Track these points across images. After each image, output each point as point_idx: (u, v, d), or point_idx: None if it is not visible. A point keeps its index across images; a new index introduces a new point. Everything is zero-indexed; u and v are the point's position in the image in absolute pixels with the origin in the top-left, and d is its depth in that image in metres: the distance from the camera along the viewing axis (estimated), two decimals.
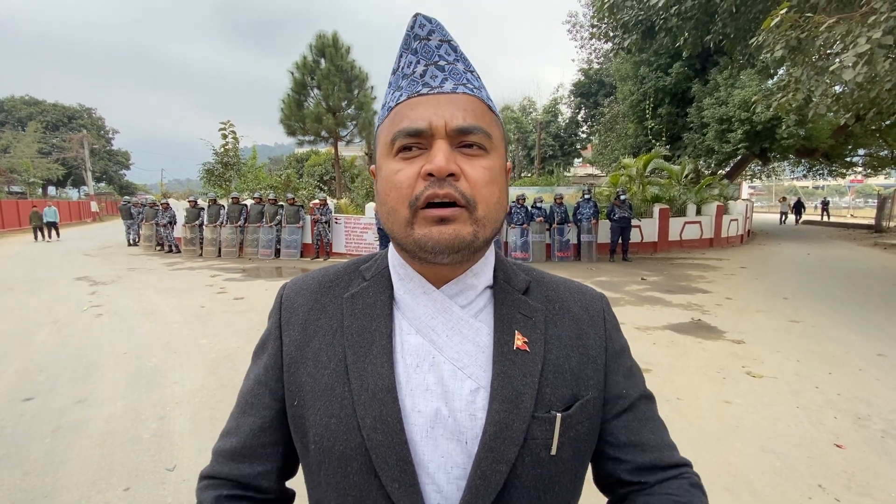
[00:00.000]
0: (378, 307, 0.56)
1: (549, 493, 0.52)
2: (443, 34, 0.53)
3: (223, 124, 15.88)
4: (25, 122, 37.55)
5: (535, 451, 0.50)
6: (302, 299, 0.61)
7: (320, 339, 0.56)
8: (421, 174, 0.49)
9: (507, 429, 0.49)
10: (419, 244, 0.49)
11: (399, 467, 0.49)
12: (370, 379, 0.51)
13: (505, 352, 0.53)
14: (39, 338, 4.97)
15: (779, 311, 6.04)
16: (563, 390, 0.53)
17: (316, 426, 0.52)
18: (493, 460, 0.49)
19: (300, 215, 11.57)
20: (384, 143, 0.53)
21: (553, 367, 0.54)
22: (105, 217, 33.13)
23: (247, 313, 5.99)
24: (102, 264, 10.64)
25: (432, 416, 0.50)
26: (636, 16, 11.55)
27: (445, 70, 0.52)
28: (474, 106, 0.51)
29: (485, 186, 0.50)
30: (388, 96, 0.55)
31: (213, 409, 3.28)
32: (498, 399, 0.50)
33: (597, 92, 25.38)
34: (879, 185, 43.50)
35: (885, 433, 2.93)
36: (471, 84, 0.53)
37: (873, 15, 4.93)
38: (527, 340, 0.54)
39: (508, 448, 0.49)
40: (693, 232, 12.91)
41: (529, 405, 0.51)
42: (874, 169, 20.72)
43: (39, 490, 2.38)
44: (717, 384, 3.72)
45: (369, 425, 0.50)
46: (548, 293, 0.60)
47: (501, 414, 0.50)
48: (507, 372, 0.51)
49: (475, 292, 0.56)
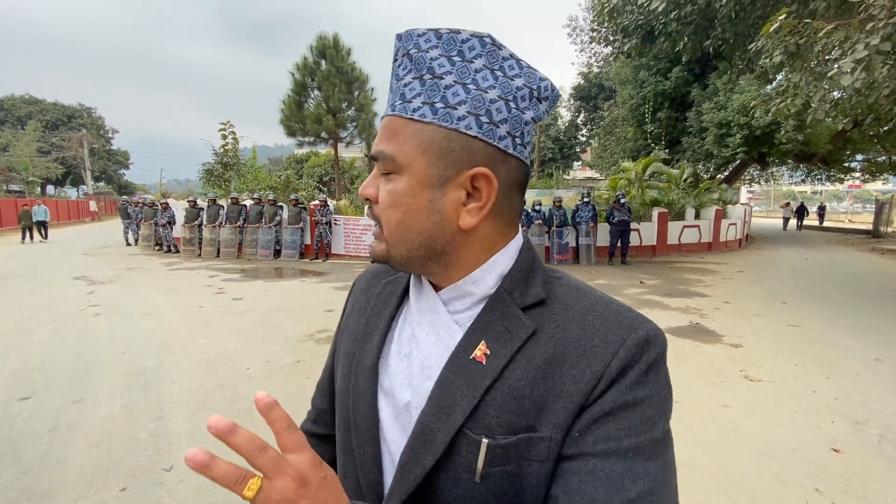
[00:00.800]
0: (395, 295, 0.62)
1: None
2: (406, 46, 0.52)
3: (223, 125, 15.90)
4: (25, 120, 37.53)
5: (457, 469, 0.48)
6: (362, 281, 0.70)
7: (355, 314, 0.65)
8: None
9: (429, 434, 0.49)
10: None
11: (367, 436, 0.54)
12: (366, 355, 0.58)
13: (459, 358, 0.51)
14: (37, 337, 4.96)
15: (777, 316, 6.05)
16: (511, 416, 0.47)
17: (336, 384, 0.64)
18: (410, 461, 0.49)
19: (302, 216, 11.57)
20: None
21: (507, 387, 0.48)
22: (104, 216, 33.08)
23: (245, 314, 5.99)
24: (101, 264, 10.62)
25: (401, 404, 0.54)
26: (636, 20, 11.60)
27: (395, 90, 0.53)
28: (391, 127, 0.52)
29: (384, 210, 0.52)
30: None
31: (211, 410, 3.28)
32: (431, 403, 0.50)
33: (596, 95, 25.47)
34: (877, 190, 43.65)
35: (882, 437, 2.94)
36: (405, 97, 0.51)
37: (871, 21, 4.96)
38: (488, 353, 0.50)
39: (425, 455, 0.48)
40: (692, 236, 12.94)
41: (460, 418, 0.48)
42: (872, 174, 20.79)
43: (36, 490, 2.37)
44: (715, 388, 3.73)
45: (354, 395, 0.57)
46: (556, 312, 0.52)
47: (429, 418, 0.49)
48: (450, 378, 0.50)
49: (472, 300, 0.54)
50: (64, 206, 28.23)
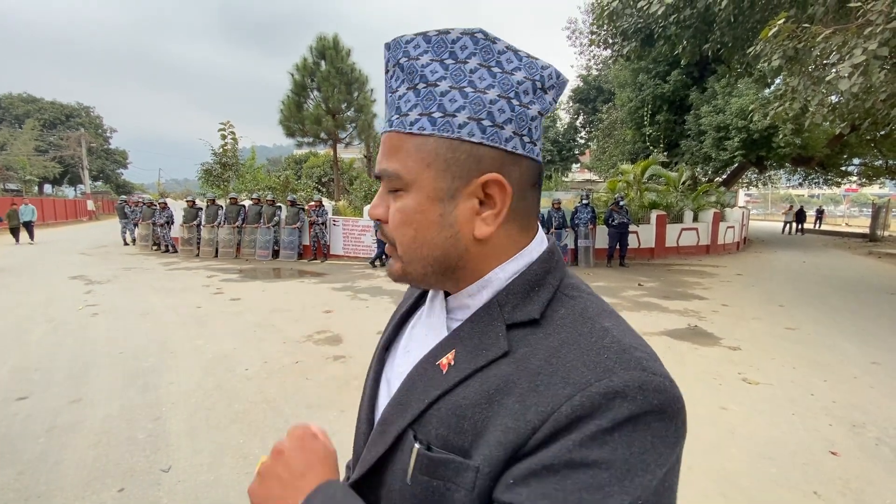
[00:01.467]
0: (415, 295, 0.66)
1: None
2: (396, 56, 0.50)
3: (222, 125, 15.88)
4: (23, 119, 37.43)
5: (396, 466, 0.49)
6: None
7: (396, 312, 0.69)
8: None
9: (387, 425, 0.51)
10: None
11: (364, 414, 0.59)
12: (381, 342, 0.65)
13: (427, 362, 0.51)
14: (34, 337, 4.94)
15: (774, 319, 6.07)
16: (449, 433, 0.46)
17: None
18: (369, 443, 0.54)
19: (300, 216, 11.55)
20: None
21: (454, 403, 0.46)
22: (101, 216, 33.00)
23: (243, 314, 5.98)
24: (98, 263, 10.59)
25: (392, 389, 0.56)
26: (635, 23, 11.65)
27: (390, 105, 0.52)
28: (390, 144, 0.51)
29: (397, 228, 0.51)
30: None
31: (209, 410, 3.27)
32: (395, 397, 0.53)
33: (595, 98, 25.53)
34: (874, 194, 43.86)
35: (879, 441, 2.95)
36: (401, 111, 0.50)
37: (869, 27, 4.99)
38: (451, 364, 0.49)
39: (377, 445, 0.52)
40: (690, 238, 12.97)
41: (408, 419, 0.49)
42: (869, 178, 20.86)
43: (33, 490, 2.36)
44: (713, 390, 3.73)
45: (368, 377, 0.63)
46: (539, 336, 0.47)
47: (388, 412, 0.52)
48: (414, 379, 0.51)
49: (469, 311, 0.53)
50: (61, 206, 28.14)
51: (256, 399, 3.45)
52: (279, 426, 3.05)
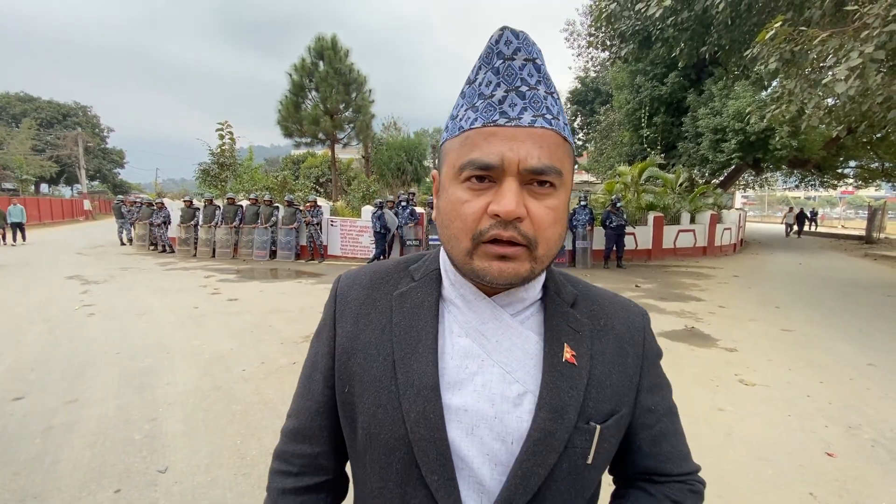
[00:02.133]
0: (425, 308, 0.58)
1: (579, 496, 0.55)
2: (528, 52, 0.50)
3: (220, 125, 15.85)
4: (19, 118, 37.26)
5: (573, 459, 0.53)
6: (355, 293, 0.63)
7: (370, 332, 0.59)
8: (488, 211, 0.49)
9: (550, 436, 0.52)
10: (477, 274, 0.51)
11: (439, 461, 0.52)
12: (415, 375, 0.54)
13: (555, 363, 0.54)
14: (30, 337, 4.92)
15: (771, 320, 6.09)
16: (603, 405, 0.56)
17: (364, 413, 0.56)
18: (533, 463, 0.51)
19: (296, 217, 11.53)
20: (452, 165, 0.52)
21: (596, 381, 0.56)
22: (98, 216, 32.87)
23: (241, 315, 5.96)
24: (95, 263, 10.55)
25: (478, 415, 0.53)
26: (633, 26, 11.68)
27: (526, 97, 0.50)
28: (550, 141, 0.50)
29: (549, 227, 0.50)
30: (461, 111, 0.53)
31: (207, 411, 3.26)
32: (545, 408, 0.52)
33: (593, 100, 25.58)
34: (870, 196, 44.03)
35: (875, 442, 2.96)
36: (550, 113, 0.51)
37: (866, 30, 5.03)
38: (575, 354, 0.56)
39: (549, 454, 0.52)
40: (687, 240, 13.01)
41: (573, 416, 0.53)
42: (865, 180, 20.96)
43: (29, 491, 2.35)
44: (710, 392, 3.74)
45: (413, 419, 0.52)
46: (593, 308, 0.62)
47: (547, 422, 0.52)
48: (555, 383, 0.54)
49: (524, 304, 0.58)
50: (58, 205, 28.02)
51: (254, 400, 3.44)
52: (276, 427, 3.03)
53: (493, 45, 0.51)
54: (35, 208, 24.17)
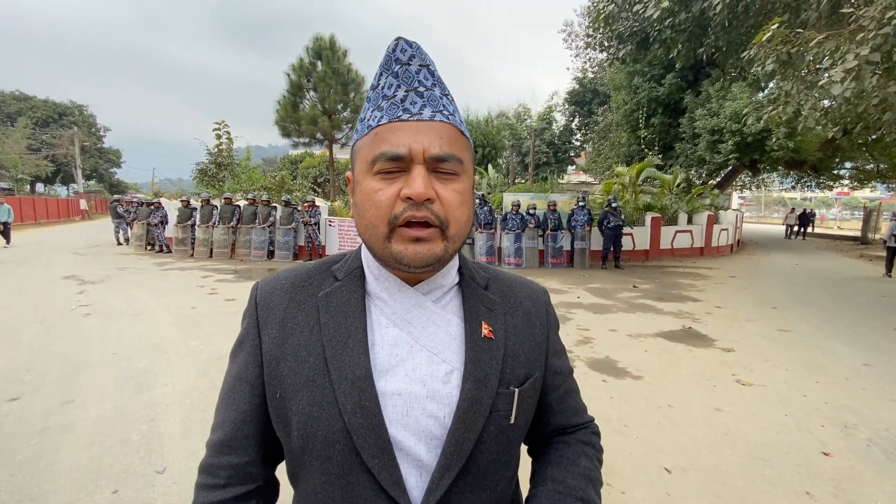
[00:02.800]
0: (352, 304, 0.61)
1: (506, 455, 0.62)
2: (422, 59, 0.57)
3: (218, 124, 15.83)
4: (15, 117, 37.02)
5: (498, 421, 0.60)
6: (277, 298, 0.64)
7: (298, 335, 0.61)
8: (400, 196, 0.54)
9: (477, 403, 0.58)
10: (396, 258, 0.55)
11: (378, 445, 0.55)
12: (348, 368, 0.57)
13: (475, 339, 0.61)
14: (26, 337, 4.89)
15: (768, 321, 6.12)
16: (518, 371, 0.63)
17: (299, 415, 0.57)
18: (465, 429, 0.57)
19: (294, 217, 11.51)
20: (364, 161, 0.57)
21: (511, 352, 0.64)
22: (94, 215, 32.72)
23: (238, 315, 5.91)
24: (91, 263, 10.50)
25: (412, 397, 0.57)
26: (631, 27, 11.72)
27: (424, 96, 0.55)
28: (449, 133, 0.56)
29: (457, 208, 0.56)
30: (368, 113, 0.58)
31: (204, 412, 3.25)
32: (470, 379, 0.58)
33: (591, 100, 25.63)
34: (865, 197, 44.24)
35: (870, 442, 2.98)
36: (446, 110, 0.57)
37: (862, 32, 5.06)
38: (491, 329, 0.63)
39: (477, 419, 0.58)
40: (684, 241, 13.05)
41: (495, 384, 0.60)
42: (860, 182, 21.08)
43: (26, 492, 2.34)
44: (707, 392, 3.76)
45: (350, 410, 0.56)
46: (503, 289, 0.69)
47: (473, 391, 0.58)
48: (477, 356, 0.60)
49: (443, 290, 0.64)
50: (54, 205, 27.87)
51: None
52: None
53: (390, 53, 0.57)
54: (31, 208, 24.04)
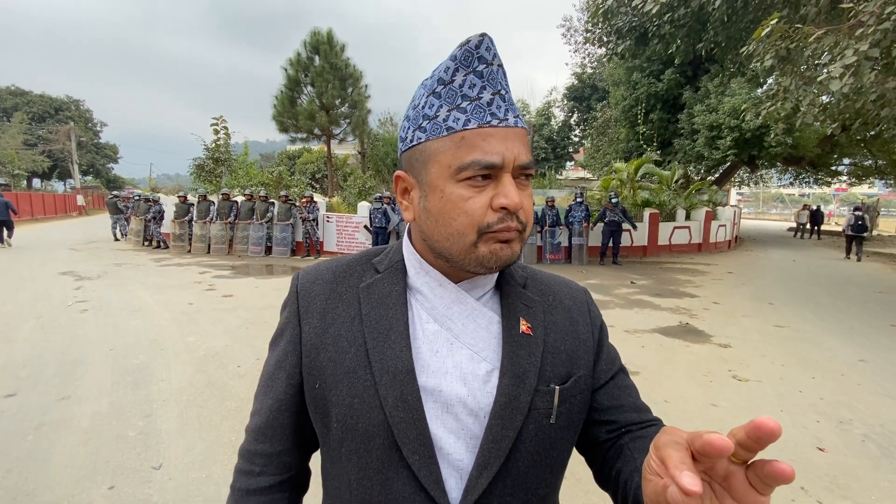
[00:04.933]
0: (393, 297, 0.61)
1: (547, 457, 0.59)
2: (500, 59, 0.55)
3: (215, 120, 15.75)
4: (11, 112, 36.81)
5: (537, 420, 0.58)
6: (319, 288, 0.64)
7: (339, 325, 0.61)
8: (493, 206, 0.53)
9: (514, 400, 0.56)
10: (480, 261, 0.55)
11: (419, 440, 0.55)
12: (390, 362, 0.56)
13: (513, 335, 0.59)
14: (22, 333, 4.88)
15: (764, 317, 6.13)
16: (559, 368, 0.61)
17: (339, 406, 0.57)
18: (502, 427, 0.55)
19: (292, 213, 11.49)
20: (446, 166, 0.54)
21: (551, 348, 0.61)
22: (91, 211, 32.59)
23: (235, 311, 5.94)
24: (88, 259, 10.47)
25: (452, 395, 0.56)
26: (630, 22, 11.67)
27: (506, 100, 0.54)
28: (526, 138, 0.56)
29: (531, 213, 0.57)
30: (442, 111, 0.54)
31: (201, 408, 3.25)
32: (507, 375, 0.57)
33: (590, 96, 25.58)
34: (863, 193, 44.37)
35: (865, 437, 2.99)
36: (519, 113, 0.56)
37: (861, 28, 5.04)
38: (530, 326, 0.61)
39: (515, 417, 0.56)
40: (682, 237, 13.06)
41: (533, 381, 0.58)
42: (858, 178, 21.12)
43: (22, 488, 2.34)
44: (703, 387, 3.77)
45: (391, 404, 0.55)
46: (542, 287, 0.68)
47: (510, 388, 0.56)
48: (515, 352, 0.58)
49: (484, 289, 0.63)
50: (50, 200, 27.74)
51: (248, 396, 3.43)
52: None
53: (472, 49, 0.53)
54: (27, 203, 23.92)
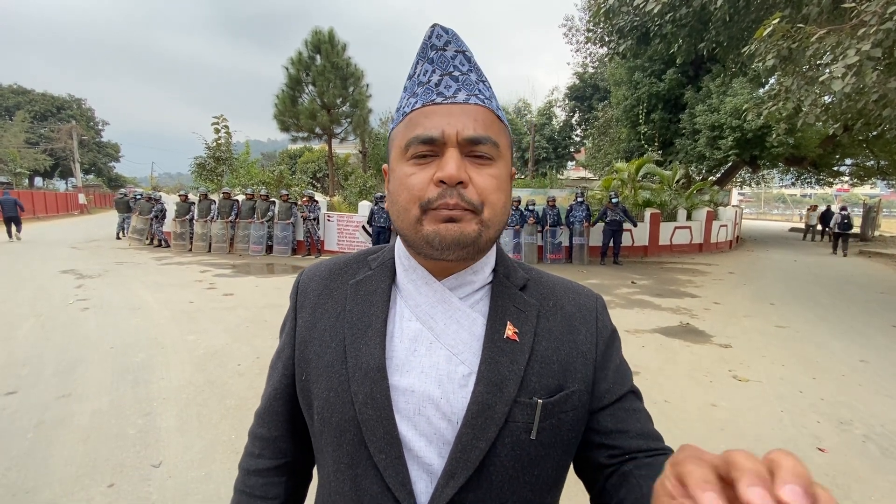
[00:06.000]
0: (378, 294, 0.60)
1: (527, 475, 0.55)
2: (458, 45, 0.56)
3: (216, 118, 15.75)
4: (13, 111, 36.87)
5: (515, 433, 0.53)
6: (314, 284, 0.66)
7: (326, 320, 0.61)
8: (433, 180, 0.52)
9: (488, 409, 0.53)
10: (427, 240, 0.53)
11: (386, 440, 0.53)
12: (364, 358, 0.56)
13: (495, 339, 0.56)
14: (22, 332, 4.88)
15: (765, 317, 6.12)
16: (548, 380, 0.56)
17: (319, 399, 0.58)
18: (473, 437, 0.52)
19: (292, 212, 11.49)
20: (398, 147, 0.56)
21: (541, 357, 0.57)
22: (93, 209, 32.64)
23: (235, 310, 5.94)
24: (89, 257, 10.48)
25: (425, 396, 0.54)
26: (631, 21, 11.65)
27: (459, 80, 0.55)
28: (484, 116, 0.54)
29: (492, 193, 0.54)
30: (403, 101, 0.58)
31: (201, 406, 3.25)
32: (483, 382, 0.54)
33: (591, 96, 25.55)
34: (865, 194, 44.24)
35: (866, 438, 2.99)
36: (482, 94, 0.56)
37: (863, 27, 5.02)
38: (517, 331, 0.57)
39: (488, 427, 0.52)
40: (683, 237, 13.05)
41: (513, 390, 0.54)
42: (860, 178, 21.05)
43: (21, 486, 2.34)
44: (704, 388, 3.76)
45: (361, 400, 0.54)
46: (543, 291, 0.63)
47: (485, 395, 0.53)
48: (494, 358, 0.55)
49: (472, 287, 0.60)
50: (52, 199, 27.79)
51: (248, 395, 3.43)
52: None
53: (426, 40, 0.56)
54: (29, 202, 23.96)
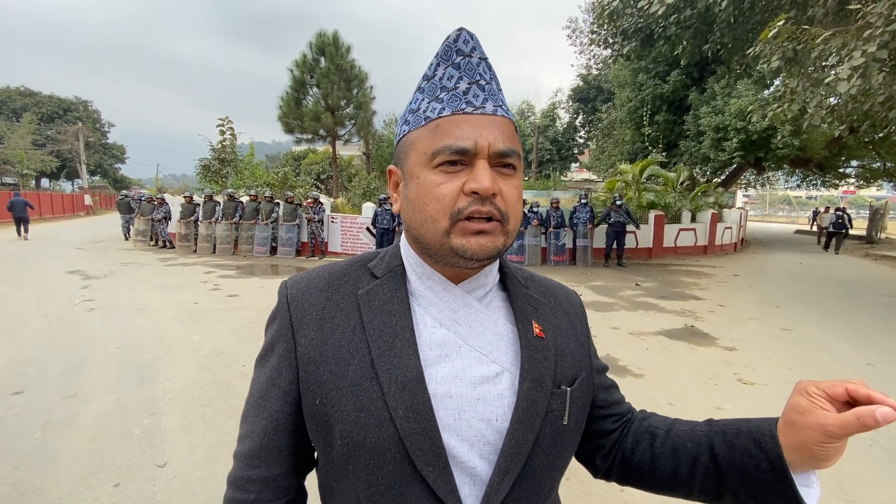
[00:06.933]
0: (396, 303, 0.58)
1: (560, 458, 0.60)
2: (482, 52, 0.56)
3: (221, 120, 15.85)
4: (20, 113, 37.22)
5: (553, 422, 0.58)
6: (313, 298, 0.60)
7: (338, 336, 0.57)
8: (464, 190, 0.52)
9: (534, 403, 0.56)
10: (456, 252, 0.53)
11: (432, 451, 0.52)
12: (398, 371, 0.54)
13: (529, 338, 0.60)
14: (29, 332, 4.93)
15: (770, 319, 6.09)
16: (567, 370, 0.62)
17: (343, 421, 0.54)
18: (524, 430, 0.55)
19: (297, 213, 11.54)
20: (422, 153, 0.55)
21: (560, 351, 0.62)
22: (99, 211, 32.86)
23: (240, 311, 5.97)
24: (95, 258, 10.56)
25: (463, 400, 0.55)
26: (635, 23, 11.63)
27: (485, 90, 0.55)
28: (509, 128, 0.55)
29: (516, 203, 0.55)
30: (423, 104, 0.56)
31: (206, 406, 3.27)
32: (528, 379, 0.57)
33: (595, 98, 25.52)
34: (871, 196, 43.90)
35: (872, 442, 2.96)
36: (504, 105, 0.57)
37: (869, 29, 5.00)
38: (542, 329, 0.62)
39: (535, 420, 0.56)
40: (687, 239, 13.00)
41: (549, 384, 0.58)
42: (866, 180, 20.89)
43: (28, 485, 2.36)
44: (708, 390, 3.75)
45: (402, 415, 0.52)
46: (542, 289, 0.68)
47: (531, 391, 0.56)
48: (533, 356, 0.59)
49: (486, 289, 0.62)
50: (58, 200, 28.01)
51: None
52: None
53: (451, 43, 0.55)
54: (36, 203, 24.14)
